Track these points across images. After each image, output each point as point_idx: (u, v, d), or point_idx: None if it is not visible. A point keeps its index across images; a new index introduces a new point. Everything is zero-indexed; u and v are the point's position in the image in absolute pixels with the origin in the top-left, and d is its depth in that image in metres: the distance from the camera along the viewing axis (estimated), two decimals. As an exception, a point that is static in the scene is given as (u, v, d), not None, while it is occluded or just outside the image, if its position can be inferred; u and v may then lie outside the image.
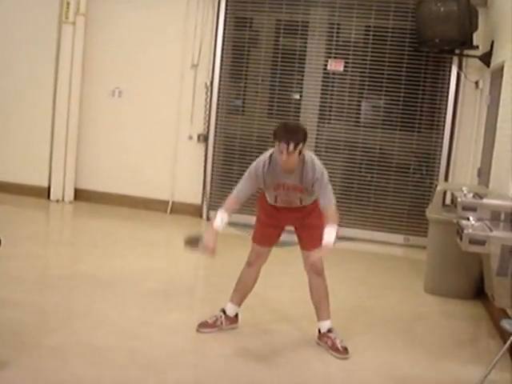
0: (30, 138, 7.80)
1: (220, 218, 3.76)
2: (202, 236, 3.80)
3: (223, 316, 4.11)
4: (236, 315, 4.16)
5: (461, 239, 4.07)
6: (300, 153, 3.69)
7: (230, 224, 6.95)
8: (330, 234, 3.65)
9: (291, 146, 3.60)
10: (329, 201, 3.77)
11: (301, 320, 4.34)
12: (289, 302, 4.86)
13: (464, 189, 4.70)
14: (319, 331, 3.99)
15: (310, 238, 3.90)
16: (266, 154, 3.83)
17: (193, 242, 3.82)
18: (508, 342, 3.66)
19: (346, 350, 3.87)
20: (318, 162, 3.83)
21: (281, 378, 3.58)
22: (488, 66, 6.30)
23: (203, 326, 4.09)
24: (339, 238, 6.79)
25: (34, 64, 7.70)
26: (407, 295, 5.37)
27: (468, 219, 4.23)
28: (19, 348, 3.57)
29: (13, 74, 7.77)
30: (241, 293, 4.13)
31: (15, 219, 6.80)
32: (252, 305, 4.35)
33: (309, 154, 3.82)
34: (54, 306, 4.35)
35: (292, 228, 4.09)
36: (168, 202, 7.65)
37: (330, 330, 3.95)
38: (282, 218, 4.02)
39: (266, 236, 4.07)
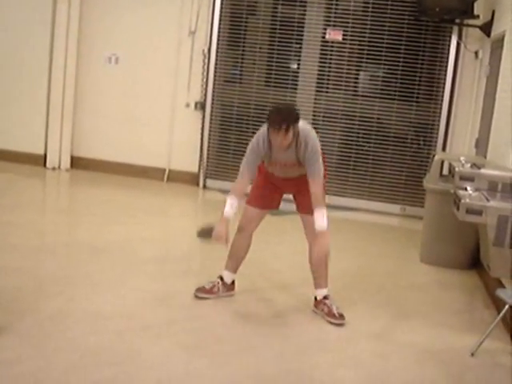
0: (26, 105, 7.74)
1: (229, 204, 3.76)
2: (214, 226, 3.80)
3: (220, 282, 4.13)
4: (233, 282, 4.18)
5: (458, 209, 4.08)
6: (293, 133, 3.70)
7: (225, 191, 6.99)
8: (320, 217, 3.69)
9: (282, 131, 3.65)
10: (317, 174, 3.76)
11: (298, 288, 4.37)
12: (286, 270, 4.88)
13: (462, 159, 4.70)
14: (315, 298, 4.02)
15: (309, 201, 3.85)
16: (264, 129, 3.80)
17: (205, 233, 3.85)
18: (502, 312, 3.70)
19: (342, 316, 3.90)
20: (311, 135, 3.80)
21: (278, 344, 3.61)
22: (488, 35, 6.25)
23: (200, 290, 4.11)
24: (337, 207, 6.86)
25: (29, 31, 7.60)
26: (403, 265, 5.40)
27: (465, 189, 4.24)
28: (17, 314, 3.58)
29: (8, 41, 7.67)
30: (234, 260, 4.14)
31: (11, 187, 6.79)
32: (249, 273, 4.38)
33: (303, 128, 3.79)
34: (51, 273, 4.36)
35: (290, 196, 4.09)
36: (165, 170, 7.64)
37: (326, 297, 3.98)
38: (280, 184, 4.03)
39: (263, 196, 4.04)
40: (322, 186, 3.78)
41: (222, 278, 4.14)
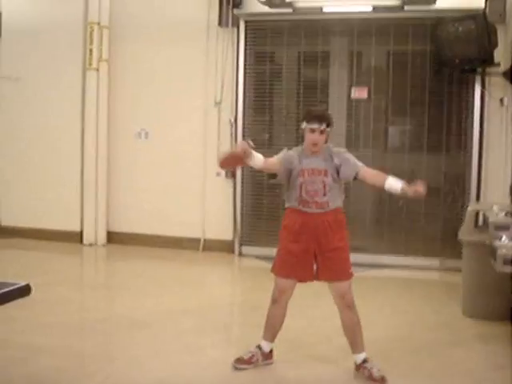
0: (60, 183, 7.93)
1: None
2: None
3: (259, 352, 4.07)
4: (271, 351, 4.11)
5: (495, 260, 4.00)
6: (326, 140, 3.85)
7: (261, 257, 7.05)
8: (393, 182, 3.88)
9: (323, 126, 3.78)
10: (361, 166, 3.89)
11: (337, 352, 4.28)
12: (324, 334, 4.77)
13: (495, 208, 4.64)
14: (355, 363, 3.94)
15: (336, 266, 3.84)
16: (295, 147, 4.01)
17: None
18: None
19: (383, 379, 3.79)
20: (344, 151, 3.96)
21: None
22: (511, 81, 6.24)
23: (239, 362, 4.05)
24: (373, 265, 6.78)
25: (60, 111, 7.88)
26: (444, 320, 5.26)
27: (501, 239, 4.16)
28: (56, 395, 3.59)
29: (40, 122, 7.95)
30: (271, 330, 4.08)
31: (49, 265, 6.89)
32: (287, 339, 4.31)
33: (337, 148, 3.96)
34: (90, 350, 4.37)
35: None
36: (200, 240, 7.67)
37: (365, 361, 3.89)
38: (306, 230, 3.86)
39: (286, 262, 3.94)
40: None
41: (260, 348, 4.09)
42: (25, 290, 3.13)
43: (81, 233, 7.88)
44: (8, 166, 8.11)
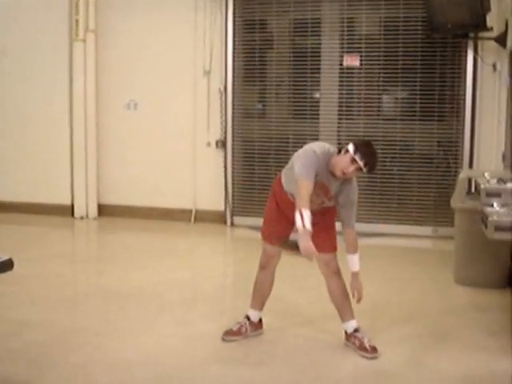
0: (49, 156, 7.84)
1: (307, 216, 3.41)
2: (297, 240, 3.52)
3: (247, 322, 4.05)
4: (260, 320, 4.09)
5: (486, 227, 3.95)
6: None
7: (253, 227, 7.01)
8: (356, 262, 3.80)
9: (365, 170, 3.58)
10: (354, 222, 3.78)
11: (326, 322, 4.25)
12: (313, 304, 4.74)
13: (486, 175, 4.58)
14: (346, 332, 3.91)
15: (323, 239, 3.77)
16: (325, 147, 3.70)
17: (289, 247, 3.75)
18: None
19: (374, 349, 3.77)
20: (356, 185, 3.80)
21: (310, 382, 3.50)
22: (504, 46, 6.13)
23: (228, 334, 4.02)
24: (365, 234, 6.75)
25: (48, 83, 7.74)
26: (437, 288, 5.24)
27: (492, 206, 4.11)
28: (43, 367, 3.56)
29: (27, 95, 7.82)
30: (259, 297, 4.05)
31: (40, 239, 6.84)
32: (276, 309, 4.29)
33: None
34: (78, 324, 4.34)
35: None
36: (191, 211, 7.61)
37: (356, 330, 3.86)
38: (290, 210, 3.74)
39: (276, 229, 3.91)
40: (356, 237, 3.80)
41: (248, 318, 4.06)
42: (7, 265, 3.08)
43: (72, 206, 7.82)
44: (-3, 140, 8.03)
